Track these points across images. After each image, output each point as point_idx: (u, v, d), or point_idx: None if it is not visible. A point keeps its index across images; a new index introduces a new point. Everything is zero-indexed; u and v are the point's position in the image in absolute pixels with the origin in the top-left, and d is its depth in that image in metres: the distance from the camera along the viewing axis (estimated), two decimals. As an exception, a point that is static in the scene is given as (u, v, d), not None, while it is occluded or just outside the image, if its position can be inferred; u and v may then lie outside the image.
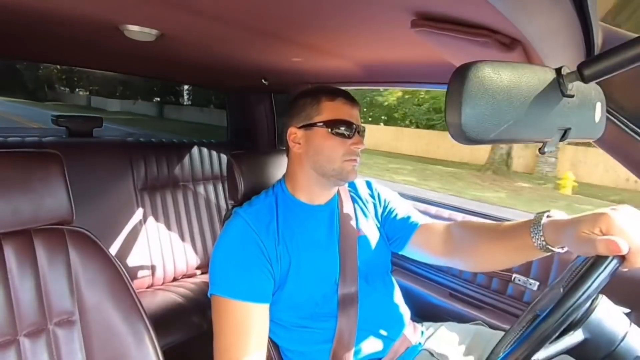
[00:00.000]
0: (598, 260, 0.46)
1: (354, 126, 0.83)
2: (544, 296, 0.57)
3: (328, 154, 0.82)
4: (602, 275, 0.44)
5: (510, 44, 0.53)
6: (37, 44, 1.13)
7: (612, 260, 0.45)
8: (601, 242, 0.47)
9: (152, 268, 1.58)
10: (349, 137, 0.82)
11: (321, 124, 0.82)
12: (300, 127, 0.85)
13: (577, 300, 0.43)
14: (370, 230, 0.92)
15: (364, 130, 0.86)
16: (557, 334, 0.44)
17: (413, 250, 0.92)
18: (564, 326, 0.43)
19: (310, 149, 0.84)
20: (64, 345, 0.68)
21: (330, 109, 0.83)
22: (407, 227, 0.92)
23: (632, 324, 0.50)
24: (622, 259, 0.47)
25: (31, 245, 0.68)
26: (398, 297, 0.94)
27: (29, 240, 0.68)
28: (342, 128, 0.82)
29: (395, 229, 0.94)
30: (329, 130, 0.81)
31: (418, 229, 0.90)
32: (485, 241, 0.77)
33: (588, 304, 0.45)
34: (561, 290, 0.49)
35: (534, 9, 0.44)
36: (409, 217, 0.93)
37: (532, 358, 0.43)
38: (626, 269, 0.48)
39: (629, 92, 0.71)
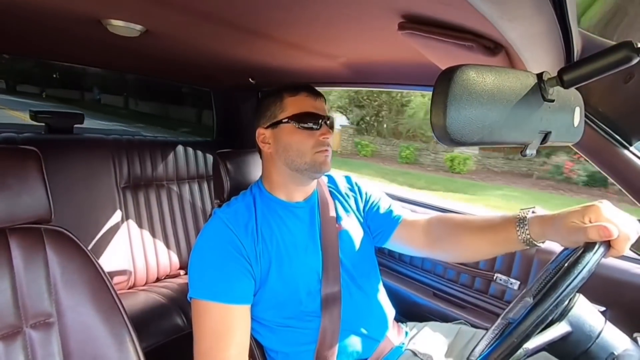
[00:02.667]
0: (587, 247, 0.49)
1: (320, 117, 0.82)
2: (513, 307, 0.59)
3: (297, 148, 0.81)
4: (592, 261, 0.47)
5: (494, 49, 0.55)
6: (17, 37, 1.09)
7: (599, 247, 0.49)
8: (592, 228, 0.51)
9: (134, 268, 1.55)
10: (317, 129, 0.82)
11: (286, 119, 0.82)
12: (267, 127, 0.85)
13: (570, 283, 0.45)
14: (352, 225, 0.92)
15: (333, 121, 0.86)
16: (546, 322, 0.45)
17: (396, 243, 0.93)
18: (557, 310, 0.45)
19: (280, 146, 0.83)
20: (41, 348, 0.65)
21: (294, 104, 0.82)
22: (389, 221, 0.93)
23: (607, 322, 0.52)
24: (609, 246, 0.51)
25: (6, 245, 0.65)
26: (383, 297, 0.94)
27: (4, 239, 0.65)
28: (308, 120, 0.81)
29: (378, 223, 0.95)
30: (295, 124, 0.81)
31: (401, 223, 0.92)
32: (468, 234, 0.80)
33: (575, 291, 0.47)
34: (531, 299, 0.51)
35: (517, 16, 0.45)
36: (391, 211, 0.94)
37: (523, 347, 0.44)
38: (611, 257, 0.52)
39: (605, 97, 0.74)
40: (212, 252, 0.77)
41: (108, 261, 1.47)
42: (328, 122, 0.84)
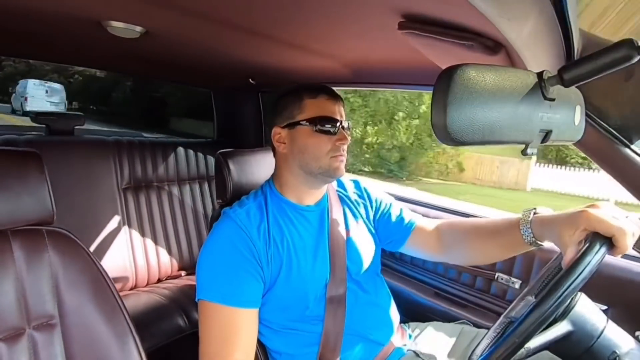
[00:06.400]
0: (589, 246, 0.50)
1: (338, 122, 0.81)
2: (516, 304, 0.59)
3: (313, 151, 0.80)
4: (594, 260, 0.47)
5: (495, 48, 0.55)
6: (18, 38, 1.10)
7: (601, 247, 0.50)
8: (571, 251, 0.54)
9: (136, 269, 1.55)
10: (334, 134, 0.81)
11: (304, 122, 0.80)
12: (284, 127, 0.83)
13: (573, 282, 0.45)
14: (360, 231, 0.92)
15: (349, 126, 0.85)
16: (549, 321, 0.45)
17: (409, 250, 0.94)
18: (559, 309, 0.45)
19: (295, 148, 0.82)
20: (44, 350, 0.66)
21: (313, 107, 0.81)
22: (402, 230, 0.93)
23: (609, 320, 0.52)
24: (611, 245, 0.51)
25: (8, 246, 0.65)
26: (389, 302, 0.93)
27: (6, 241, 0.66)
28: (326, 125, 0.80)
29: (390, 232, 0.94)
30: (313, 127, 0.80)
31: (413, 231, 0.92)
32: (478, 239, 0.81)
33: (577, 292, 0.47)
34: (533, 298, 0.51)
35: (517, 14, 0.45)
36: (402, 219, 0.94)
37: (525, 346, 0.45)
38: (619, 255, 0.54)
39: (606, 96, 0.74)
40: (223, 253, 0.75)
41: (110, 262, 1.47)
42: (345, 126, 0.83)
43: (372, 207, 0.97)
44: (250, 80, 1.51)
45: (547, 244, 0.70)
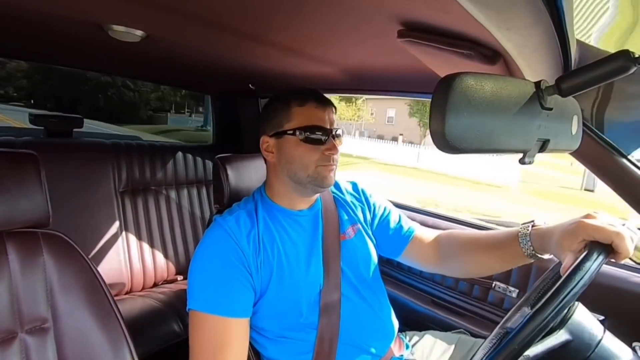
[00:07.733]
0: (588, 254, 0.50)
1: (327, 130, 0.79)
2: (511, 316, 0.59)
3: (300, 161, 0.78)
4: (592, 267, 0.48)
5: (493, 57, 0.55)
6: (19, 41, 1.10)
7: (598, 256, 0.50)
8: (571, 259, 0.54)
9: (132, 274, 1.54)
10: (323, 143, 0.78)
11: (291, 131, 0.78)
12: (271, 136, 0.82)
13: (572, 289, 0.45)
14: (357, 235, 0.90)
15: (341, 134, 0.82)
16: (546, 330, 0.45)
17: (405, 259, 0.93)
18: (557, 318, 0.45)
19: (283, 157, 0.81)
20: (36, 354, 0.65)
21: (301, 115, 0.79)
22: (400, 238, 0.92)
23: (606, 330, 0.51)
24: (609, 252, 0.52)
25: (3, 249, 0.65)
26: (388, 310, 0.91)
27: (1, 243, 0.65)
28: (314, 134, 0.78)
29: (388, 239, 0.93)
30: (300, 137, 0.78)
31: (412, 240, 0.91)
32: (477, 252, 0.81)
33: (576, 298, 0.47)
34: (529, 308, 0.51)
35: (516, 25, 0.45)
36: (401, 227, 0.93)
37: (524, 354, 0.44)
38: (622, 260, 0.54)
39: (603, 106, 0.75)
40: (213, 262, 0.74)
41: (105, 266, 1.46)
42: (335, 133, 0.80)
43: (370, 210, 0.95)
44: (250, 85, 1.52)
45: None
